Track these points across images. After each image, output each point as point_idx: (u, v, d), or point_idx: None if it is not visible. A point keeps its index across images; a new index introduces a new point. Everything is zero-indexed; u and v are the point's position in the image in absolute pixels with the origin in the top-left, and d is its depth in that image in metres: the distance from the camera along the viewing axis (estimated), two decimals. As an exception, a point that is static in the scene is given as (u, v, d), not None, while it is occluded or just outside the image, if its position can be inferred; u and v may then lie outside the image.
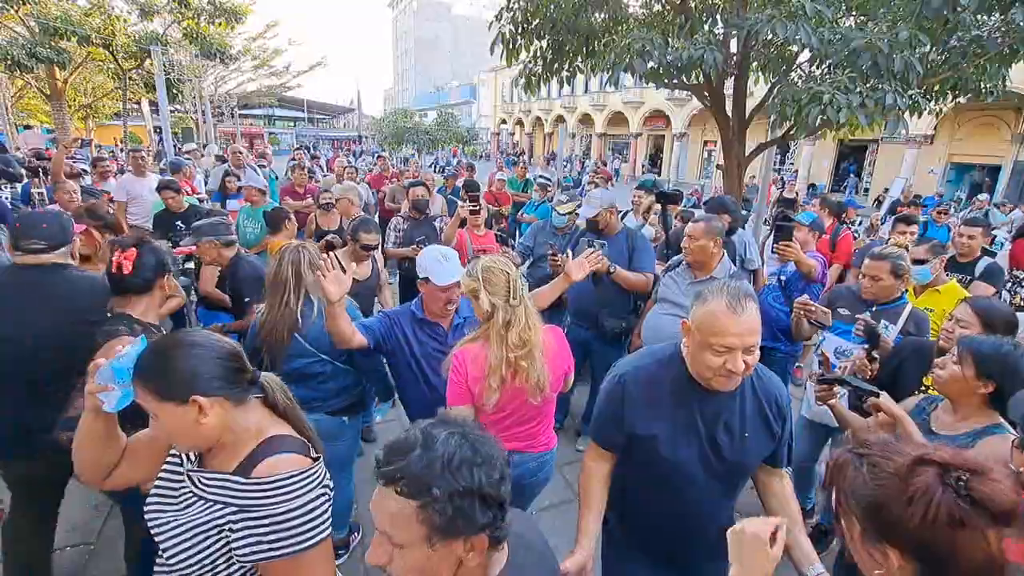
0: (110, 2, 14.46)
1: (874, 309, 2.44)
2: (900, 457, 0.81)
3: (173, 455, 1.18)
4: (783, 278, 3.15)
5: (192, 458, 1.17)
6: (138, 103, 19.55)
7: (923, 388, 2.00)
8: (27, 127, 12.93)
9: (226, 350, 1.13)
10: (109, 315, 1.80)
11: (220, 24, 15.37)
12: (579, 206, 3.67)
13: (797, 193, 10.93)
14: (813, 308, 2.40)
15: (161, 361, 1.07)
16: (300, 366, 2.22)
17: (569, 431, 3.67)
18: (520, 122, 42.78)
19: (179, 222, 4.20)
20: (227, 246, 2.93)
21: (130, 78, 15.84)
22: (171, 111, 18.97)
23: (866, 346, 2.13)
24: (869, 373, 2.08)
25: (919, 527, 0.75)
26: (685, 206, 6.18)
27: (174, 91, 16.38)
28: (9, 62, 12.03)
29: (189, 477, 1.12)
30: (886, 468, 0.81)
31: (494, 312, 1.76)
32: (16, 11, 12.17)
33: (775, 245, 2.79)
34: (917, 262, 2.74)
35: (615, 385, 1.51)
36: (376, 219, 6.96)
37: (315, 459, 1.16)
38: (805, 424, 2.68)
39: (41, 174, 5.45)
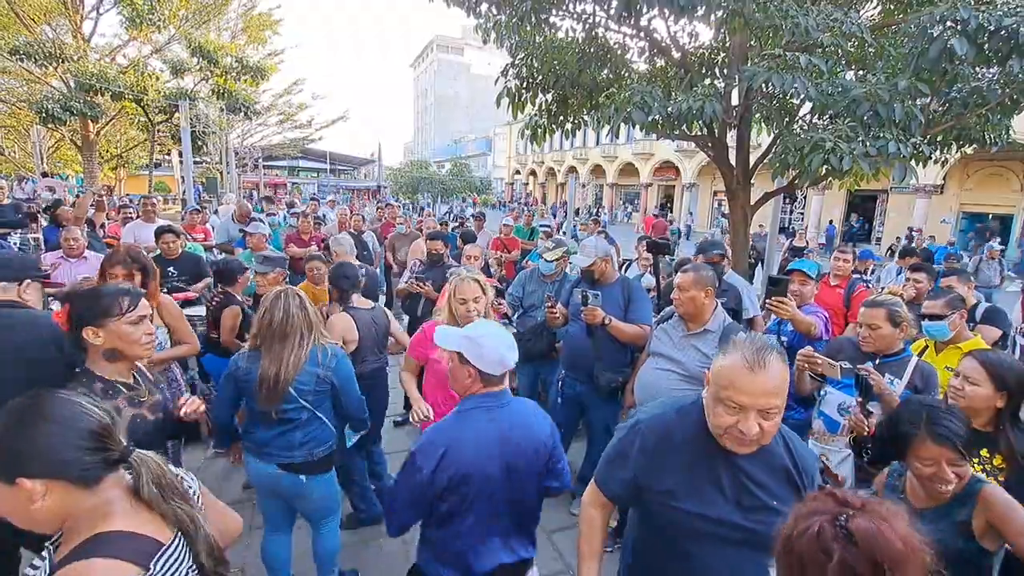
0: (145, 61, 15.42)
1: (877, 362, 2.27)
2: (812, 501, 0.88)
3: None
4: (783, 338, 2.92)
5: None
6: (169, 154, 20.49)
7: None
8: (44, 175, 13.47)
9: (84, 428, 0.97)
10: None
11: (246, 81, 16.23)
12: (566, 251, 3.61)
13: (808, 243, 10.81)
14: (819, 361, 2.24)
15: None
16: (279, 410, 2.11)
17: (563, 493, 3.40)
18: (533, 172, 43.81)
19: (172, 268, 4.18)
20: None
21: (159, 130, 16.65)
22: (197, 162, 19.81)
23: (860, 398, 1.96)
24: (866, 429, 1.91)
25: (798, 557, 0.82)
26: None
27: (199, 143, 17.15)
28: (44, 115, 12.72)
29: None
30: (798, 510, 0.88)
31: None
32: (55, 68, 12.98)
33: (767, 301, 2.59)
34: (934, 317, 2.50)
35: (630, 431, 1.45)
36: (382, 268, 7.00)
37: (153, 565, 0.96)
38: None
39: (39, 219, 5.58)
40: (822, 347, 2.85)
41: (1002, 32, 3.64)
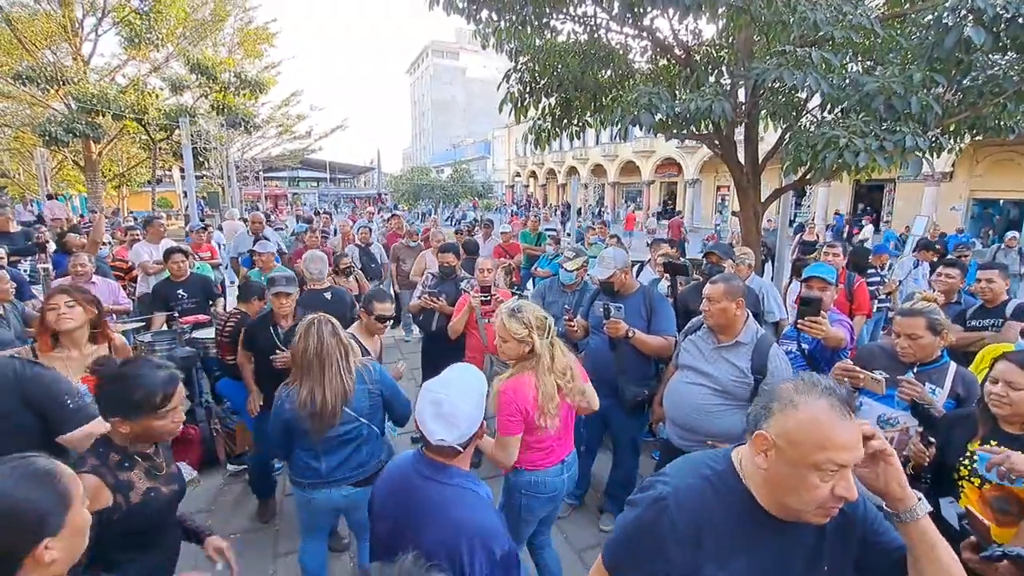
0: (144, 80, 15.46)
1: (916, 371, 2.17)
2: None
3: None
4: (806, 346, 2.80)
5: None
6: (170, 170, 20.56)
7: (968, 453, 1.77)
8: (50, 197, 13.46)
9: None
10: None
11: (245, 95, 16.24)
12: (586, 262, 3.54)
13: (818, 236, 10.70)
14: (861, 376, 2.10)
15: None
16: (341, 432, 2.18)
17: (590, 508, 3.31)
18: (533, 174, 43.73)
19: (181, 291, 4.14)
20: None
21: (160, 148, 16.68)
22: (198, 177, 19.87)
23: (921, 428, 1.87)
24: (926, 460, 1.82)
25: None
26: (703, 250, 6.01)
27: (200, 158, 17.17)
28: (47, 138, 12.75)
29: None
30: None
31: (537, 351, 2.00)
32: (57, 91, 13.02)
33: (799, 321, 2.46)
34: None
35: (652, 506, 1.13)
36: (389, 281, 6.93)
37: None
38: None
39: (47, 248, 5.55)
40: (846, 354, 2.74)
41: (1019, 20, 3.56)
